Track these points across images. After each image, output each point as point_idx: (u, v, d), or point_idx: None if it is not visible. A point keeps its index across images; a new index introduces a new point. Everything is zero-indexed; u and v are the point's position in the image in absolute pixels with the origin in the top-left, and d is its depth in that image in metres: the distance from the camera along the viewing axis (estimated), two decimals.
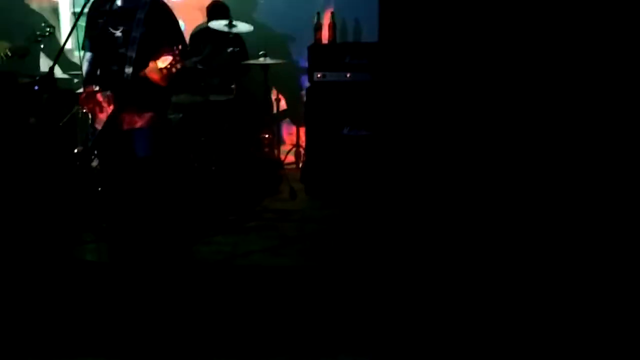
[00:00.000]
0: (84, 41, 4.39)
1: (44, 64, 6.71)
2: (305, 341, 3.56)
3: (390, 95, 2.51)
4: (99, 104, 4.26)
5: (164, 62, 4.06)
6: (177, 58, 4.06)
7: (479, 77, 2.37)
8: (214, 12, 6.28)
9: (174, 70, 4.08)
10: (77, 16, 4.26)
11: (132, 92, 4.17)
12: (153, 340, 3.62)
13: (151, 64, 4.10)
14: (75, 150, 5.21)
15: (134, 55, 4.16)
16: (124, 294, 3.94)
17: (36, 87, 5.68)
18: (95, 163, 5.04)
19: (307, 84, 6.14)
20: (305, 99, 6.14)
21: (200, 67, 5.81)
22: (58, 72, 6.35)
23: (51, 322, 3.74)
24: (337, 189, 5.77)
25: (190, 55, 5.79)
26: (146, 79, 4.11)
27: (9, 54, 5.56)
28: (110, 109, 4.22)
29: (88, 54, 4.39)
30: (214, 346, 3.57)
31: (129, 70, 4.16)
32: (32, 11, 7.00)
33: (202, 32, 6.34)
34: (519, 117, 2.37)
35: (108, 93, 4.23)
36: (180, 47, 4.12)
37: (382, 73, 2.53)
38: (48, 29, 5.84)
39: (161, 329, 3.71)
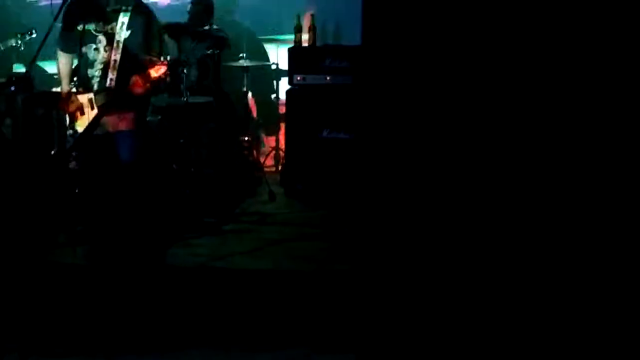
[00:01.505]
0: (59, 40, 4.34)
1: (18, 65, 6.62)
2: (285, 342, 3.55)
3: (373, 97, 2.50)
4: (79, 106, 4.22)
5: (157, 71, 4.05)
6: (168, 71, 4.07)
7: (465, 76, 2.37)
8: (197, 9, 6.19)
9: (167, 80, 4.09)
10: (54, 16, 4.22)
11: (116, 96, 4.14)
12: (129, 343, 3.58)
13: (135, 78, 4.05)
14: (52, 152, 5.15)
15: (118, 59, 4.13)
16: (101, 297, 3.90)
17: (12, 88, 5.62)
18: (72, 165, 4.99)
19: (287, 86, 6.13)
20: (285, 101, 6.13)
21: (179, 69, 5.76)
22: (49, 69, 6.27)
23: (24, 324, 3.70)
24: (316, 191, 5.75)
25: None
26: (129, 91, 4.07)
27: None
28: (91, 111, 4.19)
29: (65, 55, 4.34)
30: (192, 347, 3.55)
31: (112, 74, 4.13)
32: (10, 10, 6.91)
33: (180, 26, 6.23)
34: (507, 117, 2.37)
35: (90, 96, 4.20)
36: (168, 58, 4.12)
37: (364, 75, 2.53)
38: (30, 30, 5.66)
39: (137, 333, 3.67)
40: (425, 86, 2.41)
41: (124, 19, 4.14)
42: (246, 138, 6.26)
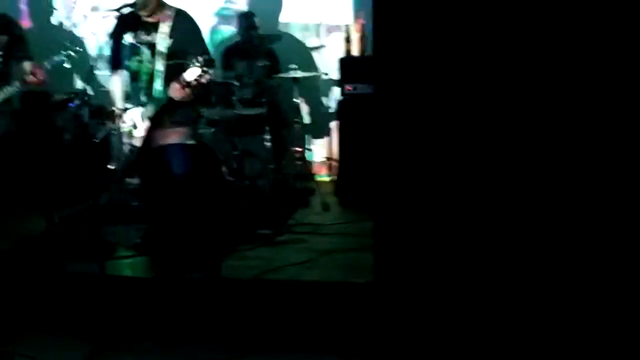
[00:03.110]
0: (110, 58, 4.43)
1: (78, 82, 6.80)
2: (338, 355, 3.53)
3: (388, 102, 2.51)
4: (132, 120, 4.29)
5: (190, 75, 4.03)
6: (204, 70, 4.01)
7: (476, 79, 2.35)
8: (245, 23, 6.27)
9: (203, 80, 4.03)
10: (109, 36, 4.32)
11: (164, 108, 4.18)
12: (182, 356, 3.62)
13: (174, 83, 4.07)
14: (110, 167, 5.26)
15: (162, 69, 4.16)
16: (160, 310, 3.95)
17: (71, 104, 5.77)
18: (135, 180, 5.09)
19: (338, 96, 6.13)
20: (336, 111, 6.12)
21: (235, 83, 5.82)
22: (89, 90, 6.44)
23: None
24: (370, 201, 5.71)
25: (224, 71, 5.82)
26: (171, 99, 4.10)
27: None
28: (143, 124, 4.25)
29: (114, 70, 4.42)
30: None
31: (159, 85, 4.17)
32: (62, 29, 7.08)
33: (233, 48, 6.36)
34: (516, 118, 2.33)
35: (141, 109, 4.26)
36: (205, 56, 4.06)
37: (378, 80, 2.54)
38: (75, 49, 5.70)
39: (191, 345, 3.71)
40: (436, 88, 2.40)
41: (164, 28, 4.16)
42: (299, 149, 6.28)
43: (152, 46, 4.19)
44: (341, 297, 3.90)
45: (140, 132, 4.27)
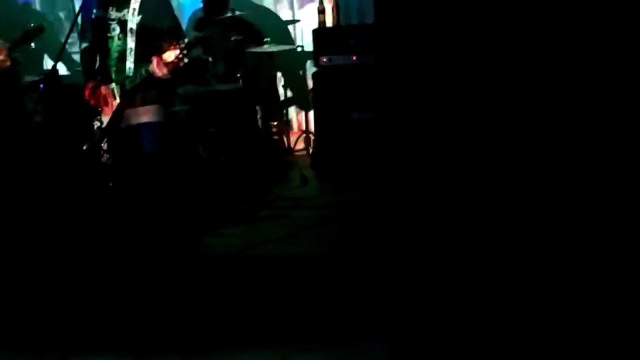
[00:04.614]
0: (80, 32, 4.35)
1: (47, 62, 6.67)
2: (322, 328, 3.53)
3: (392, 79, 2.45)
4: (103, 97, 4.22)
5: (170, 55, 4.01)
6: (184, 51, 4.00)
7: (482, 61, 2.31)
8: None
9: (181, 64, 4.02)
10: (76, 12, 4.22)
11: (136, 86, 4.12)
12: (165, 335, 3.59)
13: (155, 59, 4.03)
14: (84, 147, 5.18)
15: (133, 47, 4.11)
16: (135, 289, 3.92)
17: (41, 85, 5.65)
18: (105, 158, 5.02)
19: (313, 68, 6.07)
20: (312, 84, 6.07)
21: (204, 57, 5.75)
22: (62, 70, 6.32)
23: (58, 317, 3.73)
24: (348, 173, 5.71)
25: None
26: (150, 75, 4.05)
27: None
28: (114, 102, 4.18)
29: (84, 45, 4.34)
30: (230, 336, 3.54)
31: (130, 63, 4.11)
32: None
33: (202, 20, 6.23)
34: (526, 101, 2.30)
35: (111, 86, 4.19)
36: (185, 39, 4.07)
37: (382, 57, 2.48)
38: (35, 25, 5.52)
39: (172, 323, 3.68)
40: (442, 68, 2.36)
41: (135, 4, 4.10)
42: (275, 123, 6.24)
43: (122, 22, 4.13)
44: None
45: (111, 111, 4.21)
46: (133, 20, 4.09)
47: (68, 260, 4.23)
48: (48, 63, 6.61)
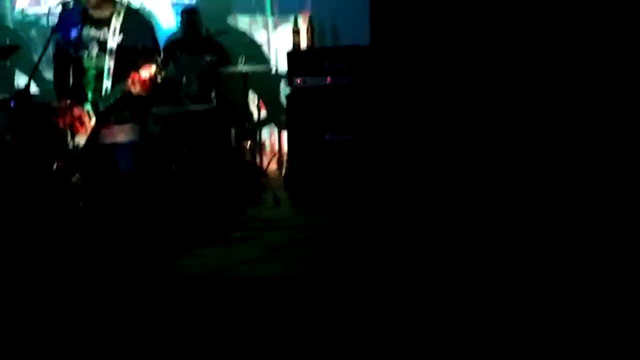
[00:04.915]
0: (54, 49, 4.31)
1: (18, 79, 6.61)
2: (296, 349, 3.51)
3: (380, 98, 2.49)
4: (78, 117, 4.17)
5: (146, 72, 3.96)
6: (160, 67, 3.97)
7: (470, 76, 2.34)
8: (188, 19, 6.20)
9: (158, 81, 3.98)
10: (51, 30, 4.18)
11: (113, 106, 4.09)
12: (138, 357, 3.54)
13: (133, 76, 4.00)
14: (55, 166, 5.12)
15: (111, 66, 4.08)
16: (108, 311, 3.86)
17: (12, 103, 5.58)
18: (75, 178, 4.96)
19: (287, 89, 6.09)
20: (285, 105, 6.09)
21: (177, 76, 5.74)
22: (34, 89, 6.26)
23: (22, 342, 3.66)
24: (321, 195, 5.72)
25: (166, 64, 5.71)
26: (128, 92, 4.02)
27: None
28: (89, 122, 4.14)
29: (59, 65, 4.30)
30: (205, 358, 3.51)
31: (107, 83, 4.08)
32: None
33: (176, 42, 6.26)
34: (509, 118, 2.34)
35: (87, 106, 4.16)
36: (161, 55, 4.06)
37: (371, 76, 2.52)
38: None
39: (147, 345, 3.63)
40: (429, 85, 2.39)
41: (116, 24, 4.08)
42: (248, 143, 6.23)
43: (101, 42, 4.10)
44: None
45: (87, 130, 4.17)
46: (113, 39, 4.06)
47: (35, 282, 4.15)
48: (19, 80, 6.55)
